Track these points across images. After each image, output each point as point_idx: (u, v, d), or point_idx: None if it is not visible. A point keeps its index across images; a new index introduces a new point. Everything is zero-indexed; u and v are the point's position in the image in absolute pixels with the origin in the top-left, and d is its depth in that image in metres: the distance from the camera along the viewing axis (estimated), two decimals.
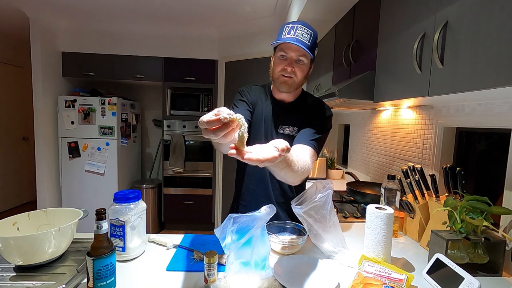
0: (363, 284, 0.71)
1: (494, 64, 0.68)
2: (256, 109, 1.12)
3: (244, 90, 1.14)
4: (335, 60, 1.97)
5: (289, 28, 0.98)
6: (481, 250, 0.86)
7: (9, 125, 3.80)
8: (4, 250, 0.77)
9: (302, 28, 0.98)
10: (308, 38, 0.98)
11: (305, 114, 1.11)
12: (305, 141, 1.00)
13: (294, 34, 0.97)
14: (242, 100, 1.11)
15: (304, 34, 0.98)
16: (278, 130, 1.10)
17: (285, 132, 1.10)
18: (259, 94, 1.15)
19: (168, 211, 3.39)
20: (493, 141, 1.15)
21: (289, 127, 1.10)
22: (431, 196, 1.11)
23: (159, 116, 3.52)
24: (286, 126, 1.10)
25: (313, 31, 1.00)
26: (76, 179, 3.07)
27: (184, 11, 2.68)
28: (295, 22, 1.00)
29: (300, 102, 1.14)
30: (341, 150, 2.81)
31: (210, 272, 0.74)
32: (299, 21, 1.00)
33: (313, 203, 0.90)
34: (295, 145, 0.99)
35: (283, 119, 1.11)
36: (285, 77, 1.02)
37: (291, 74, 1.02)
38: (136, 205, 0.89)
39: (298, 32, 0.97)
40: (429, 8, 0.94)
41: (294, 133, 1.09)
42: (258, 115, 1.11)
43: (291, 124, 1.10)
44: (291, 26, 0.99)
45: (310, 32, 0.99)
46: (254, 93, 1.14)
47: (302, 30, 0.98)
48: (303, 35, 0.97)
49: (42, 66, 2.85)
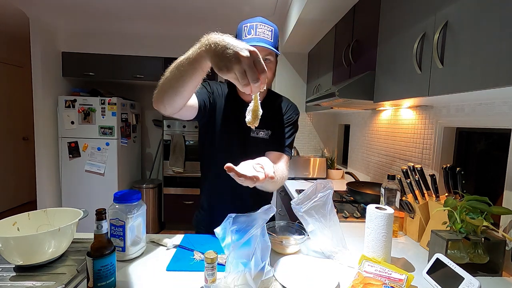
0: (363, 284, 0.71)
1: (494, 64, 0.68)
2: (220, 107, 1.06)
3: (211, 84, 1.08)
4: (335, 60, 1.97)
5: (248, 27, 0.93)
6: (481, 250, 0.86)
7: (9, 125, 3.80)
8: (4, 250, 0.77)
9: (262, 25, 0.92)
10: (270, 35, 0.93)
11: (277, 118, 1.11)
12: (281, 149, 1.07)
13: (256, 33, 0.92)
14: (204, 87, 1.04)
15: (266, 32, 0.92)
16: (252, 133, 1.07)
17: (259, 135, 1.08)
18: (223, 93, 1.09)
19: (168, 211, 3.39)
20: (493, 141, 1.15)
21: (263, 130, 1.08)
22: (431, 196, 1.11)
23: (159, 116, 3.52)
24: (260, 129, 1.07)
25: (273, 26, 0.95)
26: (76, 179, 3.07)
27: (184, 11, 2.68)
28: (253, 20, 0.94)
29: (269, 103, 1.10)
30: (341, 150, 2.81)
31: (210, 272, 0.74)
32: (257, 18, 0.95)
33: (314, 203, 0.90)
34: (272, 153, 1.05)
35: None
36: None
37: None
38: (136, 205, 0.89)
39: (259, 30, 0.92)
40: (429, 8, 0.94)
41: (267, 136, 1.09)
42: (223, 113, 1.06)
43: (265, 127, 1.08)
44: (249, 25, 0.93)
45: (271, 28, 0.94)
46: (218, 91, 1.08)
47: (262, 27, 0.92)
48: (265, 33, 0.92)
49: (42, 66, 2.85)
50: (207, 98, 1.01)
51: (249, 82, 0.59)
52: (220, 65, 0.60)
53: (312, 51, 2.77)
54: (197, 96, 0.97)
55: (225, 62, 0.59)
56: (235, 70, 0.59)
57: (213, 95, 1.05)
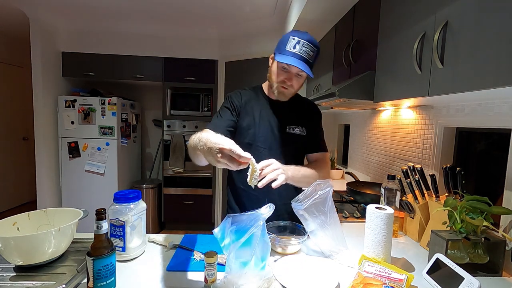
0: (363, 284, 0.71)
1: (494, 64, 0.68)
2: (251, 109, 1.13)
3: (232, 96, 1.15)
4: (335, 60, 1.97)
5: (295, 41, 0.98)
6: (481, 250, 0.86)
7: (9, 125, 3.80)
8: (4, 250, 0.77)
9: (308, 45, 0.98)
10: (312, 55, 1.00)
11: (307, 115, 1.19)
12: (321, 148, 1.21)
13: (300, 50, 0.97)
14: (226, 107, 1.13)
15: (309, 52, 0.99)
16: (287, 129, 1.13)
17: (295, 132, 1.14)
18: (250, 96, 1.16)
19: (168, 211, 3.39)
20: (493, 141, 1.15)
21: (298, 127, 1.15)
22: (431, 196, 1.10)
23: (159, 116, 3.52)
24: (295, 126, 1.14)
25: (317, 47, 1.01)
26: (76, 179, 3.07)
27: (184, 11, 2.68)
28: (301, 36, 0.99)
29: (295, 101, 1.18)
30: (341, 150, 2.81)
31: (210, 272, 0.74)
32: (306, 34, 0.99)
33: (314, 200, 0.90)
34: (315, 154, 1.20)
35: (288, 118, 1.14)
36: (284, 88, 1.06)
37: (290, 86, 1.05)
38: (136, 205, 0.89)
39: (304, 49, 0.98)
40: (429, 8, 0.93)
41: (303, 133, 1.16)
42: (255, 114, 1.12)
43: (300, 124, 1.15)
44: (297, 40, 0.98)
45: (314, 49, 1.00)
46: (244, 97, 1.15)
47: (307, 47, 0.98)
48: (307, 53, 0.98)
49: (42, 66, 2.85)
50: (230, 120, 1.10)
51: (236, 166, 0.77)
52: (211, 161, 0.80)
53: None
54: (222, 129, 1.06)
55: (211, 160, 0.80)
56: (221, 164, 0.77)
57: (236, 108, 1.13)
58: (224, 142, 0.76)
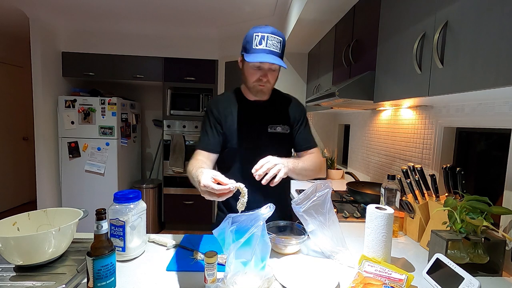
0: (363, 284, 0.71)
1: (494, 64, 0.68)
2: (230, 114, 1.13)
3: (211, 107, 1.15)
4: (335, 60, 1.97)
5: (259, 37, 0.98)
6: (481, 250, 0.86)
7: (9, 125, 3.80)
8: (4, 250, 0.77)
9: (273, 37, 0.98)
10: (279, 46, 1.00)
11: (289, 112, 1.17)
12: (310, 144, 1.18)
13: (266, 45, 0.98)
14: (209, 121, 1.13)
15: (275, 44, 0.99)
16: (269, 129, 1.13)
17: (277, 130, 1.14)
18: (229, 101, 1.16)
19: (168, 211, 3.39)
20: (493, 141, 1.15)
21: (280, 125, 1.15)
22: (431, 196, 1.10)
23: (159, 116, 3.52)
24: (276, 125, 1.14)
25: (281, 37, 1.01)
26: (76, 179, 3.07)
27: (184, 11, 2.68)
28: (264, 30, 0.99)
29: (276, 99, 1.19)
30: (341, 150, 2.81)
31: (210, 272, 0.74)
32: (268, 28, 1.00)
33: (313, 202, 0.90)
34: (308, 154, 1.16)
35: (269, 118, 1.14)
36: (261, 86, 1.07)
37: (266, 82, 1.06)
38: (136, 205, 0.89)
39: (270, 42, 0.98)
40: (429, 8, 0.93)
41: (286, 131, 1.15)
42: (236, 118, 1.12)
43: (281, 122, 1.15)
44: (261, 36, 0.98)
45: (280, 40, 1.00)
46: (220, 104, 1.15)
47: (273, 40, 0.99)
48: (274, 45, 0.99)
49: (42, 66, 2.85)
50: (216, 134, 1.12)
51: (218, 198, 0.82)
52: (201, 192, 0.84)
53: (312, 51, 2.77)
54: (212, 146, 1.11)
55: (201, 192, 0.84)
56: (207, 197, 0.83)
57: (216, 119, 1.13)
58: (202, 178, 0.80)
